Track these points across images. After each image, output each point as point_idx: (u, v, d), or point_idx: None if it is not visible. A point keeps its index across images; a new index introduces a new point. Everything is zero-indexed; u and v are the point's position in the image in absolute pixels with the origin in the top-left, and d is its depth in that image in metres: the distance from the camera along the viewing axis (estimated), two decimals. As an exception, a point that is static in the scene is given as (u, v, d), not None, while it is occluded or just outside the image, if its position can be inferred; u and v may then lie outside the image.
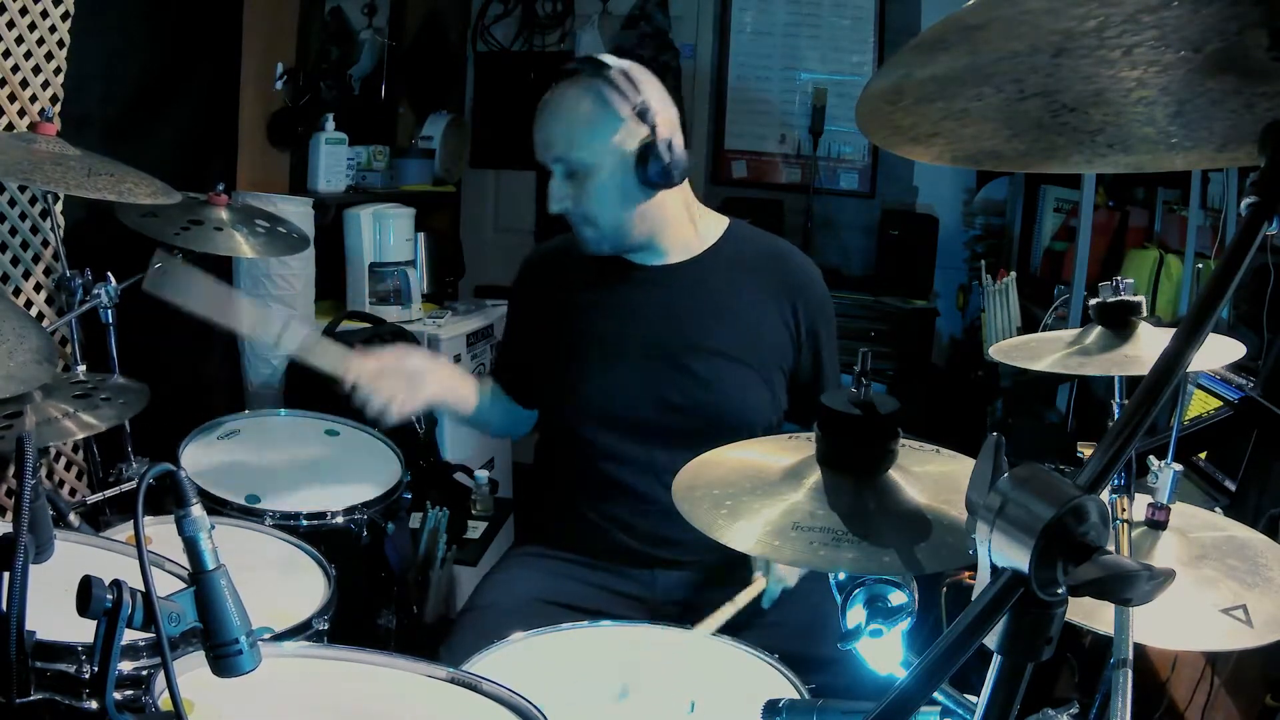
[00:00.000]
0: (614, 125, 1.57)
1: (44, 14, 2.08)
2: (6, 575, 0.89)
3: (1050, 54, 0.67)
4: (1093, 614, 1.19)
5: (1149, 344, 1.25)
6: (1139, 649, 1.08)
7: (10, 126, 2.01)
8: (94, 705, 1.07)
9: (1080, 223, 3.31)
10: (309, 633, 1.34)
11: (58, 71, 2.14)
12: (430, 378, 1.68)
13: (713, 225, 1.73)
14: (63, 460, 2.27)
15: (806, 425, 1.69)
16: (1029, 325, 3.45)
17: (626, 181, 1.59)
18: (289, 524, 1.69)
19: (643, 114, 1.58)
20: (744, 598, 1.50)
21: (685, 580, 1.67)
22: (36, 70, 2.08)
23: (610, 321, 1.68)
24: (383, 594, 2.09)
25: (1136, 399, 0.60)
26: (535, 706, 1.08)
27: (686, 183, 1.67)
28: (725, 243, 1.72)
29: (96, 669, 0.86)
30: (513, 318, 1.86)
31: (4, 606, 0.89)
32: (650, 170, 1.58)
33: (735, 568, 1.59)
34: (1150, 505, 1.29)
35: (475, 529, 2.79)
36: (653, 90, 1.61)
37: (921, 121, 0.78)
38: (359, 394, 1.61)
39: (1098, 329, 1.29)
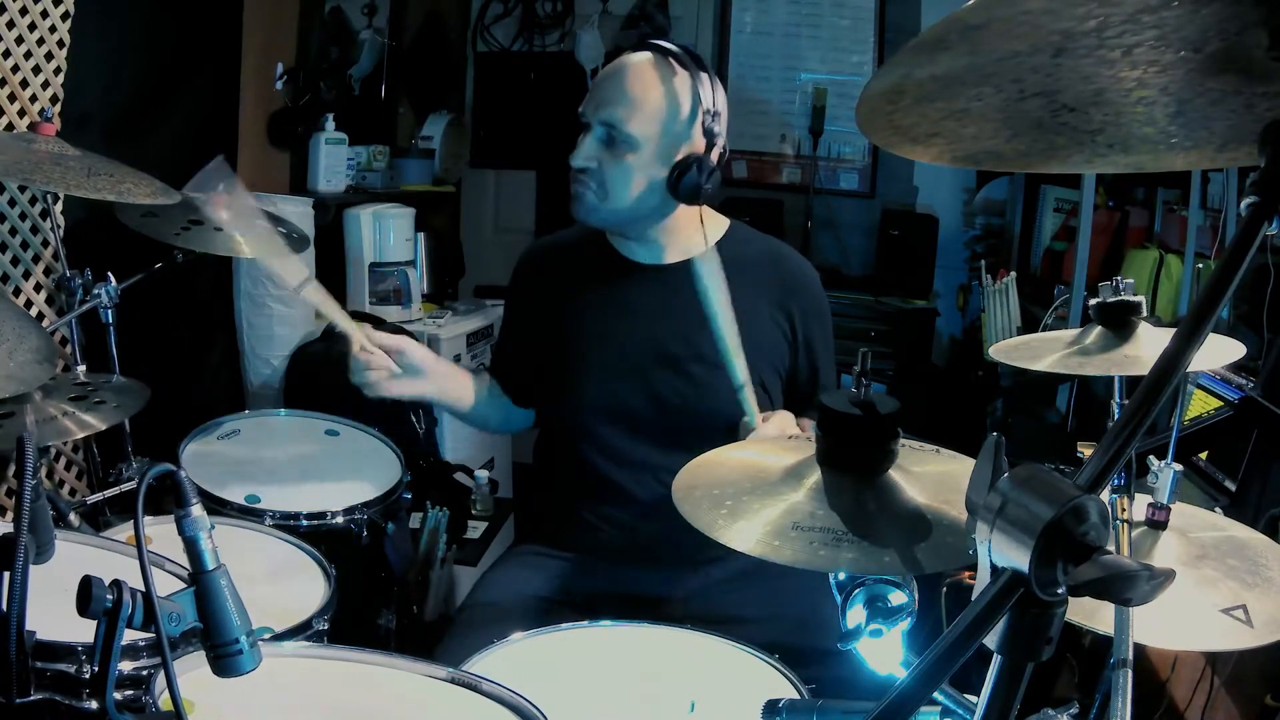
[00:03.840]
0: (679, 123, 1.57)
1: (44, 14, 2.08)
2: (6, 575, 0.89)
3: (1050, 54, 0.67)
4: (1093, 614, 1.19)
5: (1149, 344, 1.25)
6: (1139, 649, 1.08)
7: (10, 126, 2.01)
8: (94, 705, 1.07)
9: (1080, 223, 3.31)
10: (309, 633, 1.34)
11: (58, 71, 2.14)
12: (427, 374, 1.67)
13: (714, 226, 1.73)
14: (63, 460, 2.27)
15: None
16: (1029, 325, 3.45)
17: (656, 178, 1.59)
18: (289, 524, 1.69)
19: (709, 130, 1.58)
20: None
21: (684, 580, 1.67)
22: (36, 70, 2.08)
23: (607, 320, 1.68)
24: (383, 594, 2.09)
25: (1136, 399, 0.60)
26: (535, 706, 1.08)
27: None
28: (724, 244, 1.71)
29: (96, 669, 0.86)
30: (510, 314, 1.85)
31: (4, 606, 0.89)
32: (684, 182, 1.58)
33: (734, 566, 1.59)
34: (1150, 505, 1.29)
35: (475, 529, 2.79)
36: (723, 110, 1.61)
37: (921, 121, 0.78)
38: (356, 359, 1.61)
39: (1098, 329, 1.29)
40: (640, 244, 1.68)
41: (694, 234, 1.69)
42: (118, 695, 1.09)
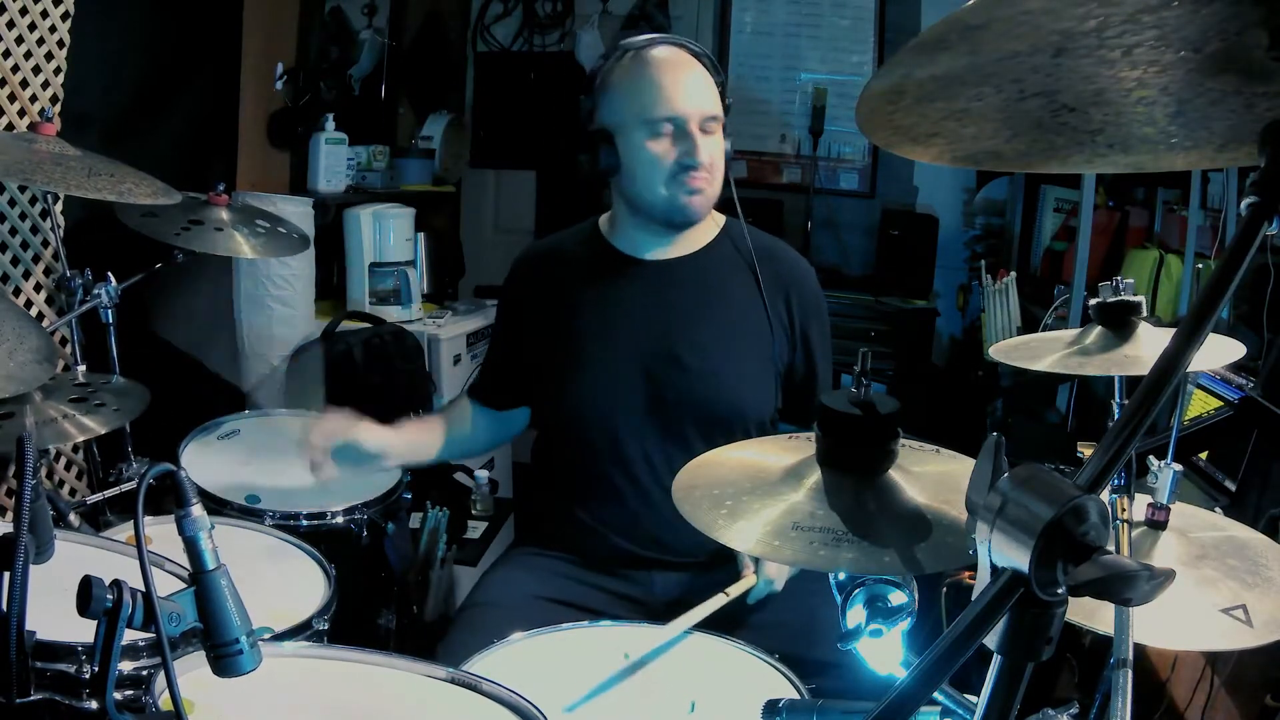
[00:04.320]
0: (720, 96, 1.66)
1: (44, 14, 2.08)
2: (6, 575, 0.89)
3: (1050, 54, 0.67)
4: (1093, 614, 1.19)
5: (1149, 344, 1.25)
6: (1139, 649, 1.08)
7: (10, 126, 2.01)
8: (94, 705, 1.07)
9: (1080, 223, 3.31)
10: (309, 633, 1.34)
11: (58, 71, 2.14)
12: (385, 455, 1.69)
13: (710, 222, 1.73)
14: (63, 460, 2.27)
15: (802, 425, 1.70)
16: (1029, 325, 3.45)
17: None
18: (289, 524, 1.69)
19: (727, 106, 1.68)
20: (734, 590, 1.50)
21: (682, 581, 1.67)
22: (36, 70, 2.08)
23: (605, 317, 1.68)
24: (383, 594, 2.09)
25: (1136, 399, 0.60)
26: (535, 706, 1.08)
27: None
28: (720, 240, 1.72)
29: (96, 669, 0.86)
30: (504, 316, 1.85)
31: (4, 606, 0.89)
32: (727, 151, 1.68)
33: (733, 567, 1.59)
34: (1150, 505, 1.29)
35: (475, 529, 2.79)
36: None
37: (921, 121, 0.78)
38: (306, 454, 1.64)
39: (1098, 329, 1.29)
40: (658, 237, 1.68)
41: (697, 228, 1.70)
42: (118, 695, 1.09)
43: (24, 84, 2.04)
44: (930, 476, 0.99)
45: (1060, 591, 0.58)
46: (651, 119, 1.58)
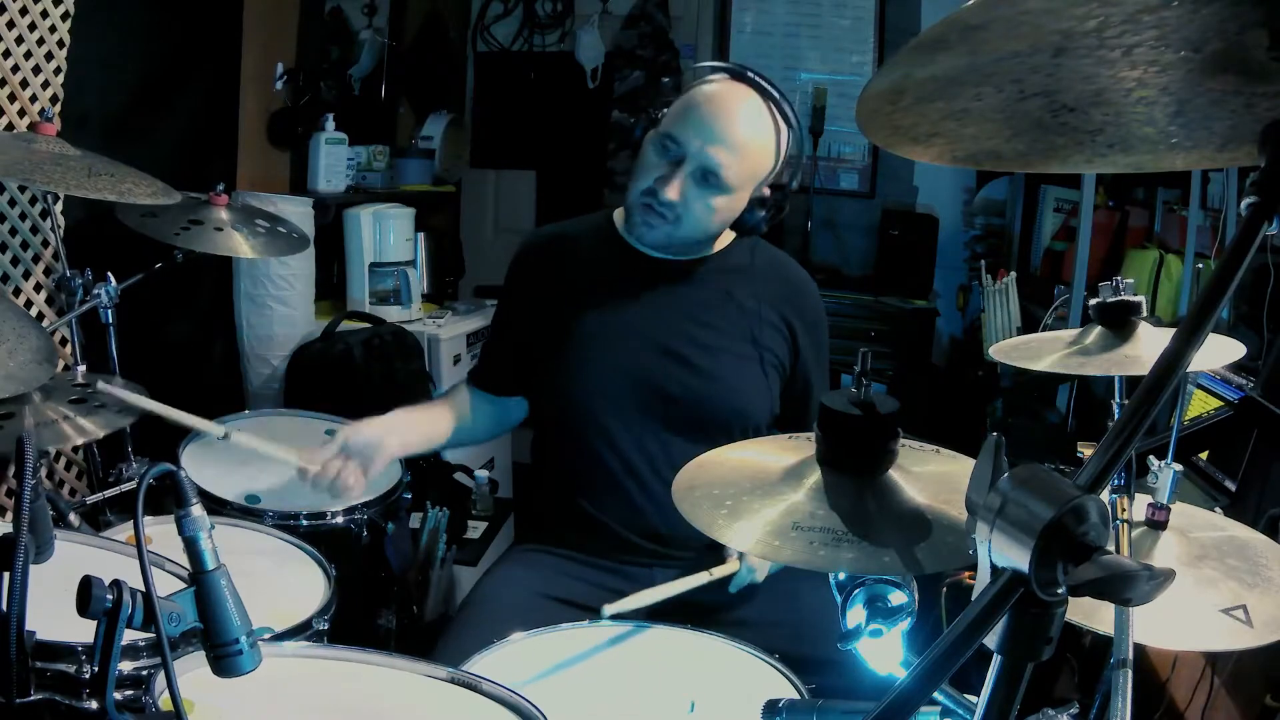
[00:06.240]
0: (769, 165, 1.59)
1: (44, 14, 2.08)
2: (6, 575, 0.89)
3: (1050, 54, 0.67)
4: (1093, 614, 1.19)
5: (1149, 344, 1.25)
6: (1139, 649, 1.08)
7: (10, 126, 2.01)
8: (94, 705, 1.07)
9: (1080, 223, 3.31)
10: (309, 633, 1.34)
11: (58, 71, 2.14)
12: (386, 442, 1.62)
13: (725, 234, 1.72)
14: (63, 460, 2.27)
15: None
16: (1029, 325, 3.45)
17: (733, 210, 1.61)
18: (289, 524, 1.69)
19: (792, 168, 1.62)
20: (718, 572, 1.51)
21: (683, 574, 1.67)
22: (36, 70, 2.08)
23: (614, 309, 1.68)
24: (383, 594, 2.09)
25: (1136, 399, 0.60)
26: (535, 706, 1.08)
27: None
28: (733, 248, 1.72)
29: (96, 669, 0.86)
30: (506, 302, 1.83)
31: (4, 606, 0.89)
32: (748, 220, 1.62)
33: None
34: (1150, 505, 1.29)
35: (475, 529, 2.79)
36: (797, 153, 1.62)
37: (921, 121, 0.78)
38: (315, 484, 1.57)
39: (1098, 329, 1.29)
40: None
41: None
42: (118, 695, 1.09)
43: (24, 84, 2.04)
44: (930, 476, 0.99)
45: (1060, 591, 0.58)
46: (665, 131, 1.56)
